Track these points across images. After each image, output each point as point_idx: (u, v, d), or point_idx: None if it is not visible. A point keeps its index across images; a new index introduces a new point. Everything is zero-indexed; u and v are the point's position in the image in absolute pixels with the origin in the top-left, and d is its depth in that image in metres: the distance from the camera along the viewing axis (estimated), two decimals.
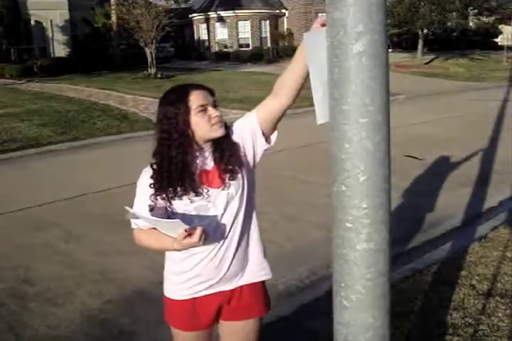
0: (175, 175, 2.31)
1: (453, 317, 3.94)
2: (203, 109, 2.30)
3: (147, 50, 26.85)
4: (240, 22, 39.89)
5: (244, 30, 40.01)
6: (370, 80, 1.58)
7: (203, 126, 2.30)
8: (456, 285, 4.42)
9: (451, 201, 7.03)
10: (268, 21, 40.49)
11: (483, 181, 7.95)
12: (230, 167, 2.36)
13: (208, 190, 2.35)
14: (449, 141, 10.90)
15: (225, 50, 39.31)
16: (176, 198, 2.34)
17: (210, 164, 2.38)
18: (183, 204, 2.35)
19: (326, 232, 1.94)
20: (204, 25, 41.48)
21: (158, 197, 2.34)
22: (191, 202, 2.34)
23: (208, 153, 2.39)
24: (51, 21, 32.79)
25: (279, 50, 38.93)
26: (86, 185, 8.13)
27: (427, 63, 33.22)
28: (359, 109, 1.59)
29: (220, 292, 2.48)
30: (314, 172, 8.20)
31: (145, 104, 17.34)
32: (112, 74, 27.03)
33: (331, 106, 1.66)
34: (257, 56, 36.40)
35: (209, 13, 40.56)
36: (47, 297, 4.70)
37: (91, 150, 11.42)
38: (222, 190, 2.37)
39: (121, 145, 11.84)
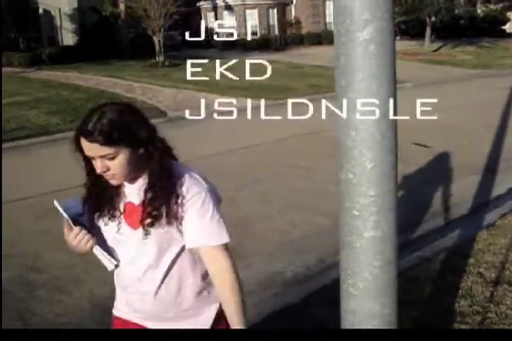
0: (94, 195, 2.14)
1: (461, 305, 3.94)
2: (91, 158, 1.98)
3: (155, 39, 26.79)
4: (247, 10, 39.69)
5: (252, 19, 39.82)
6: (377, 68, 1.58)
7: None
8: (463, 273, 4.42)
9: (459, 189, 7.00)
10: (276, 9, 40.26)
11: (490, 169, 7.92)
12: (156, 212, 2.00)
13: (120, 223, 2.10)
14: (457, 128, 10.85)
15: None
16: (96, 217, 2.15)
17: (136, 199, 2.07)
18: (102, 227, 2.16)
19: (333, 220, 1.94)
20: (212, 14, 41.30)
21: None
22: (106, 227, 2.15)
23: (139, 186, 2.06)
24: (59, 10, 32.69)
25: (287, 38, 38.76)
26: None
27: (434, 51, 33.02)
28: (366, 96, 1.59)
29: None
30: (321, 159, 8.18)
31: (152, 92, 17.35)
32: (120, 63, 26.99)
33: (337, 93, 1.66)
34: (264, 44, 36.25)
35: (217, 1, 40.34)
36: (55, 284, 4.73)
37: None
38: (138, 233, 2.05)
39: None
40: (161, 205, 1.99)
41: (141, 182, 2.05)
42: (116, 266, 2.14)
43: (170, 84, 18.57)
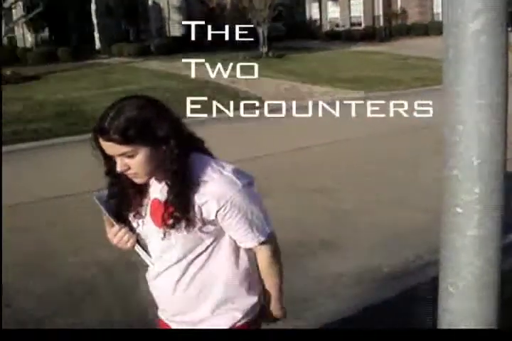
0: (114, 195, 2.04)
1: None
2: (112, 156, 1.88)
3: (259, 30, 27.03)
4: (352, 1, 39.27)
5: (357, 9, 39.36)
6: (488, 60, 1.52)
7: None
8: None
9: None
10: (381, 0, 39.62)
11: None
12: (177, 214, 1.91)
13: (145, 220, 2.04)
14: None
15: (337, 29, 38.86)
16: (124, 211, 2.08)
17: (161, 196, 1.96)
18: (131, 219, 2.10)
19: (435, 217, 1.90)
20: (316, 4, 41.13)
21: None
22: (132, 223, 2.09)
23: (163, 184, 1.96)
24: (168, 2, 33.64)
25: (392, 29, 38.07)
26: None
27: None
28: (475, 90, 1.54)
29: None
30: (426, 155, 8.01)
31: (255, 83, 17.48)
32: (225, 54, 27.39)
33: (445, 86, 1.61)
34: (369, 35, 35.76)
35: None
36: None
37: (199, 127, 11.57)
38: (161, 231, 1.98)
39: (232, 122, 11.95)
40: (182, 207, 1.89)
41: (166, 181, 1.95)
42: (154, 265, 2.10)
43: (273, 75, 18.66)
